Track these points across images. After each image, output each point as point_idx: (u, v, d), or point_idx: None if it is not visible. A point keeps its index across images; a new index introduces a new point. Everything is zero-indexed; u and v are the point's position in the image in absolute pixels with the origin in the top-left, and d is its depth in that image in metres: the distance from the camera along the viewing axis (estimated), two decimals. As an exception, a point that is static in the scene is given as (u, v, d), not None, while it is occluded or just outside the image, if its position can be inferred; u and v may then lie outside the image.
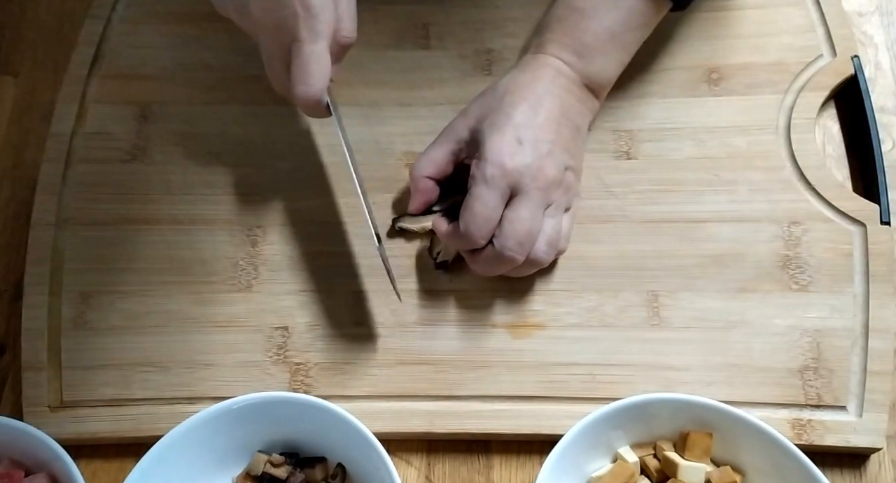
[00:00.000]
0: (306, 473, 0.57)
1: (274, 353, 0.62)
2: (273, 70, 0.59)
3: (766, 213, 0.64)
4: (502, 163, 0.57)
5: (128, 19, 0.73)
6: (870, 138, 0.65)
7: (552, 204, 0.60)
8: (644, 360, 0.60)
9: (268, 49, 0.58)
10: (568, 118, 0.61)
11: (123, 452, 0.60)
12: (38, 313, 0.63)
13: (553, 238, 0.60)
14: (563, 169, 0.60)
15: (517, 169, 0.58)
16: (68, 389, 0.61)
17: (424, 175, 0.61)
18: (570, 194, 0.61)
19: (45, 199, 0.66)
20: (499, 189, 0.58)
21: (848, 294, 0.61)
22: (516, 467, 0.60)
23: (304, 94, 0.57)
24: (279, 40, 0.57)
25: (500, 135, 0.59)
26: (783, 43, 0.69)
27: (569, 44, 0.62)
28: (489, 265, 0.59)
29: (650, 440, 0.57)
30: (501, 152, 0.58)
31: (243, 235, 0.65)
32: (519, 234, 0.58)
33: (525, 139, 0.58)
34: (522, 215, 0.58)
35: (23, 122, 0.73)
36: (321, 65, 0.56)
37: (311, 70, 0.56)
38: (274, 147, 0.68)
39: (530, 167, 0.58)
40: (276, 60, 0.58)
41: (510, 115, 0.59)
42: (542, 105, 0.60)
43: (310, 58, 0.56)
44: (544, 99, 0.60)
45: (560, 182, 0.60)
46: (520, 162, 0.58)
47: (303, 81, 0.56)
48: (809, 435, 0.58)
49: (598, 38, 0.62)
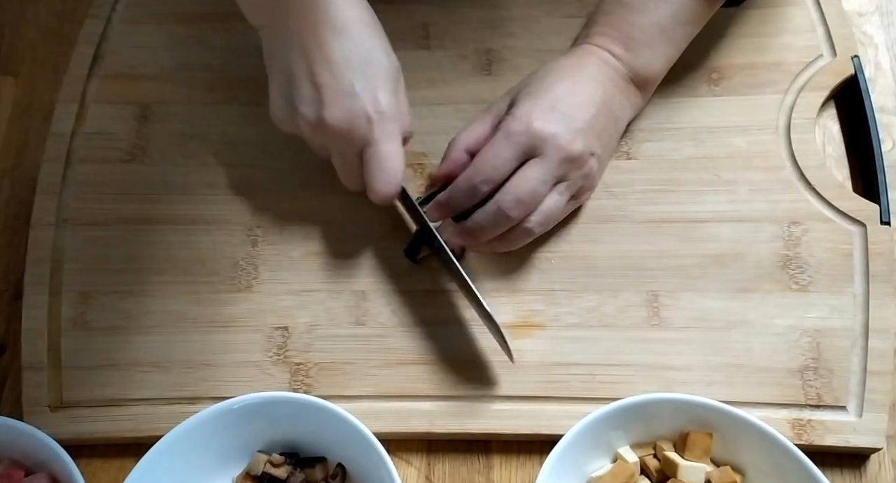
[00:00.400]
0: (306, 473, 0.57)
1: (274, 353, 0.62)
2: (348, 173, 0.61)
3: (766, 213, 0.64)
4: (529, 122, 0.58)
5: (128, 19, 0.73)
6: (870, 138, 0.65)
7: (565, 181, 0.59)
8: (644, 360, 0.60)
9: (343, 155, 0.60)
10: (608, 107, 0.61)
11: (123, 452, 0.60)
12: (38, 313, 0.63)
13: (550, 214, 0.60)
14: (589, 152, 0.60)
15: (542, 133, 0.58)
16: (68, 389, 0.61)
17: (462, 148, 0.61)
18: (586, 181, 0.61)
19: (45, 199, 0.66)
20: (517, 145, 0.58)
21: (848, 294, 0.61)
22: (516, 467, 0.60)
23: (385, 191, 0.59)
24: (354, 146, 0.59)
25: (536, 99, 0.59)
26: (783, 43, 0.69)
27: (616, 37, 0.62)
28: (482, 219, 0.58)
29: (650, 440, 0.57)
30: (532, 114, 0.58)
31: (243, 235, 0.65)
32: (521, 192, 0.58)
33: (560, 109, 0.59)
34: (532, 175, 0.58)
35: (23, 122, 0.73)
36: (397, 161, 0.59)
37: (388, 167, 0.58)
38: (274, 147, 0.68)
39: (556, 136, 0.58)
40: (351, 165, 0.60)
41: (550, 88, 0.60)
42: (585, 88, 0.60)
43: (387, 157, 0.58)
44: (587, 83, 0.61)
45: (582, 163, 0.59)
46: (547, 127, 0.58)
47: (382, 180, 0.59)
48: (809, 435, 0.58)
49: (646, 32, 0.62)
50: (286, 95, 0.59)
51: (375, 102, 0.58)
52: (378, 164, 0.58)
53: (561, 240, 0.64)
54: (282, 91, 0.59)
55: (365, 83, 0.57)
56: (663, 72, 0.64)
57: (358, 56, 0.58)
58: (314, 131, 0.59)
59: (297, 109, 0.58)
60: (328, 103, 0.57)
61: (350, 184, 0.62)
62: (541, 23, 0.71)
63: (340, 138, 0.58)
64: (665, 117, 0.67)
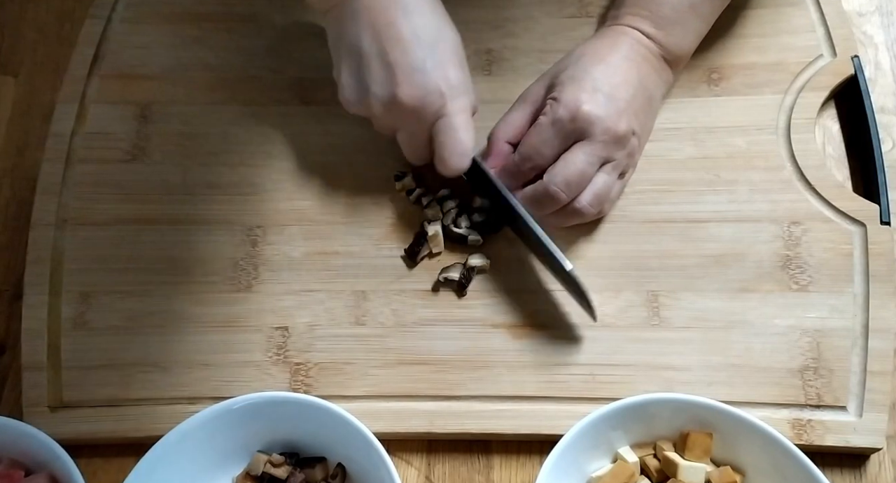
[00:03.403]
0: (306, 473, 0.57)
1: (274, 353, 0.62)
2: (417, 149, 0.62)
3: (766, 213, 0.64)
4: (577, 108, 0.58)
5: (128, 19, 0.73)
6: (870, 138, 0.65)
7: (611, 162, 0.60)
8: (644, 360, 0.60)
9: (413, 132, 0.61)
10: (644, 86, 0.62)
11: (123, 452, 0.60)
12: (38, 313, 0.63)
13: (601, 193, 0.60)
14: (631, 131, 0.60)
15: (589, 117, 0.58)
16: (68, 389, 0.61)
17: (503, 139, 0.62)
18: (630, 160, 0.62)
19: (45, 199, 0.66)
20: (563, 131, 0.59)
21: (848, 294, 0.61)
22: (516, 467, 0.60)
23: (458, 163, 0.60)
24: (426, 121, 0.60)
25: (578, 84, 0.60)
26: (783, 43, 0.69)
27: (646, 16, 0.63)
28: (533, 199, 0.60)
29: (650, 440, 0.57)
30: (578, 99, 0.59)
31: (243, 235, 0.65)
32: (570, 174, 0.58)
33: (602, 91, 0.59)
34: (579, 158, 0.59)
35: (23, 122, 0.73)
36: (469, 133, 0.60)
37: (462, 138, 0.60)
38: (274, 147, 0.68)
39: (602, 118, 0.59)
40: (420, 141, 0.61)
41: (588, 71, 0.60)
42: (621, 68, 0.61)
43: (460, 128, 0.59)
44: (622, 64, 0.61)
45: (626, 142, 0.60)
46: (593, 111, 0.58)
47: (456, 152, 0.60)
48: (809, 435, 0.58)
49: (675, 9, 0.63)
50: (357, 77, 0.60)
51: (446, 77, 0.59)
52: (452, 137, 0.59)
53: (561, 240, 0.64)
54: (352, 73, 0.60)
55: (435, 59, 0.58)
56: (694, 47, 0.65)
57: (427, 33, 0.59)
58: (387, 110, 0.60)
59: (369, 89, 0.59)
60: (401, 81, 0.58)
61: (417, 159, 0.63)
62: (541, 23, 0.71)
63: (414, 115, 0.59)
64: (665, 117, 0.67)
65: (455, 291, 0.63)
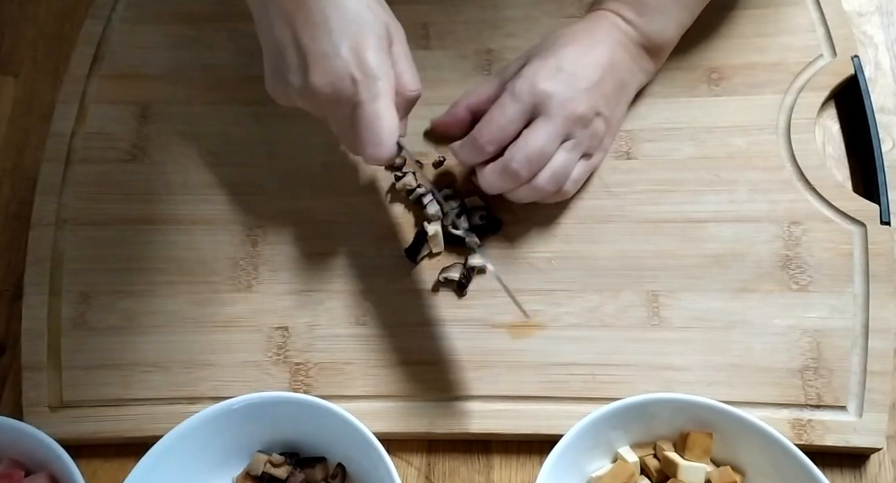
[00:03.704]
0: (306, 473, 0.57)
1: (274, 353, 0.62)
2: (345, 138, 0.59)
3: (766, 213, 0.64)
4: (534, 82, 0.59)
5: (128, 19, 0.73)
6: (870, 138, 0.65)
7: (572, 140, 0.60)
8: (644, 360, 0.60)
9: (336, 120, 0.58)
10: (616, 70, 0.62)
11: (123, 452, 0.60)
12: (38, 313, 0.63)
13: (559, 172, 0.60)
14: (594, 112, 0.60)
15: (547, 91, 0.59)
16: (68, 389, 0.61)
17: (464, 105, 0.63)
18: (594, 141, 0.62)
19: (45, 199, 0.66)
20: (522, 104, 0.59)
21: (848, 294, 0.61)
22: (516, 467, 0.60)
23: (374, 154, 0.56)
24: (343, 109, 0.56)
25: (542, 60, 0.60)
26: (783, 43, 0.69)
27: (629, 2, 0.63)
28: (494, 176, 0.60)
29: (650, 440, 0.57)
30: (537, 74, 0.59)
31: (243, 235, 0.65)
32: (529, 151, 0.58)
33: (565, 69, 0.60)
34: (539, 134, 0.59)
35: (23, 122, 0.73)
36: (386, 121, 0.56)
37: (376, 128, 0.55)
38: (274, 147, 0.68)
39: (560, 94, 0.59)
40: (346, 129, 0.58)
41: (557, 50, 0.61)
42: (593, 50, 0.61)
43: (374, 117, 0.55)
44: (596, 46, 0.62)
45: (588, 122, 0.60)
46: (552, 86, 0.59)
47: (370, 142, 0.56)
48: (809, 435, 0.58)
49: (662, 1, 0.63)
50: (275, 66, 0.58)
51: (360, 62, 0.55)
52: (365, 126, 0.55)
53: (561, 240, 0.64)
54: (271, 63, 0.58)
55: (349, 43, 0.55)
56: (676, 37, 0.65)
57: (340, 16, 0.56)
58: (304, 99, 0.57)
59: (286, 78, 0.57)
60: (312, 68, 0.55)
61: (350, 148, 0.61)
62: (541, 23, 0.71)
63: (329, 102, 0.56)
64: (665, 117, 0.67)
65: (455, 291, 0.63)
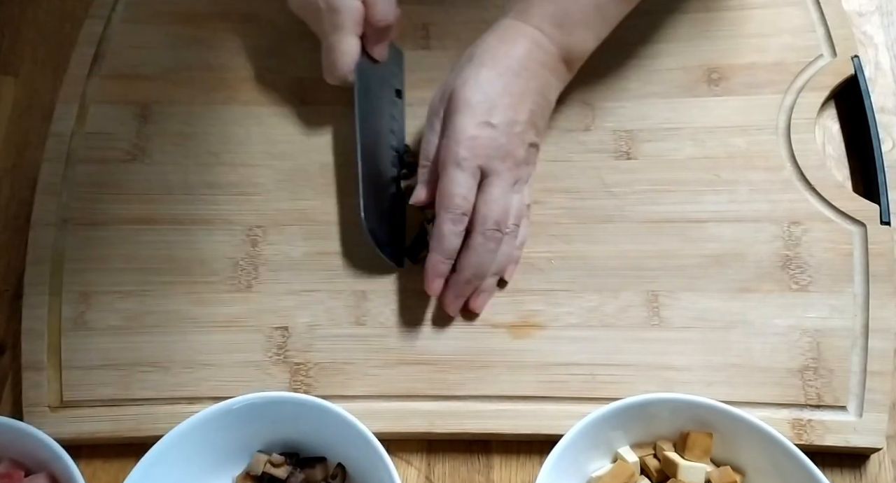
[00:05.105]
0: (306, 473, 0.57)
1: (274, 353, 0.62)
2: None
3: (766, 213, 0.64)
4: (473, 145, 0.58)
5: (128, 19, 0.73)
6: (870, 138, 0.65)
7: (518, 180, 0.61)
8: (644, 360, 0.60)
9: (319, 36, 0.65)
10: (541, 94, 0.61)
11: (123, 452, 0.60)
12: (38, 313, 0.63)
13: (520, 211, 0.62)
14: (529, 145, 0.61)
15: (488, 152, 0.58)
16: (68, 389, 0.61)
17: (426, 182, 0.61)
18: (531, 167, 0.63)
19: (45, 199, 0.66)
20: (470, 170, 0.58)
21: (848, 294, 0.61)
22: (516, 467, 0.60)
23: (330, 80, 0.65)
24: (317, 31, 0.64)
25: (472, 115, 0.58)
26: (783, 43, 0.69)
27: (552, 13, 0.61)
28: (476, 255, 0.59)
29: (650, 440, 0.57)
30: (474, 137, 0.58)
31: (243, 235, 0.65)
32: (496, 214, 0.59)
33: (497, 121, 0.59)
34: (496, 196, 0.59)
35: (23, 122, 0.73)
36: (338, 54, 0.62)
37: (331, 58, 0.63)
38: (274, 147, 0.68)
39: (501, 150, 0.59)
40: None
41: (485, 91, 0.59)
42: (518, 80, 0.60)
43: (329, 48, 0.63)
44: (520, 74, 0.60)
45: (529, 160, 0.62)
46: (490, 144, 0.59)
47: (327, 70, 0.64)
48: (809, 435, 0.58)
49: (582, 9, 0.61)
50: None
51: None
52: (324, 53, 0.63)
53: (561, 240, 0.64)
54: None
55: None
56: (592, 50, 0.64)
57: None
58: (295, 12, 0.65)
59: None
60: None
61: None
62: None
63: (308, 24, 0.64)
64: (665, 117, 0.67)
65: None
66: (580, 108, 0.68)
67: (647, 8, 0.69)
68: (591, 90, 0.68)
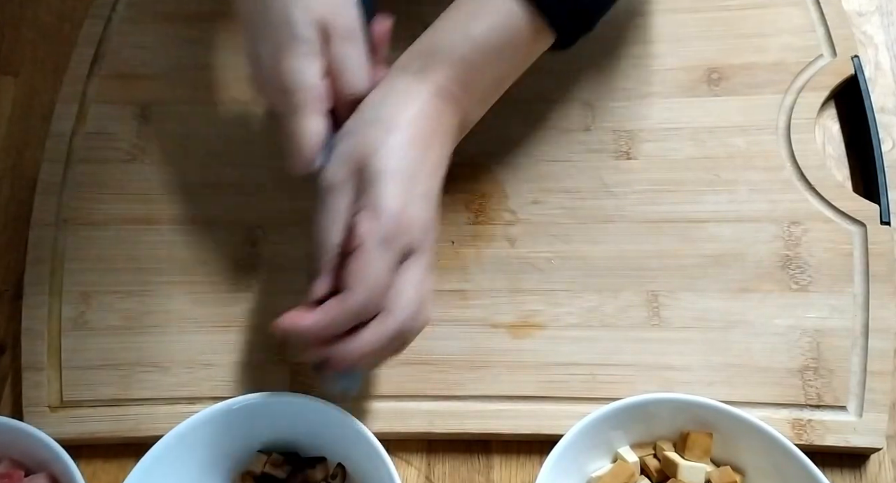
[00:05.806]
0: (306, 473, 0.57)
1: (274, 353, 0.62)
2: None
3: (766, 213, 0.64)
4: (399, 221, 0.50)
5: (128, 19, 0.73)
6: (870, 138, 0.65)
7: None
8: (644, 360, 0.60)
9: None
10: (448, 158, 0.56)
11: (123, 452, 0.60)
12: (38, 313, 0.63)
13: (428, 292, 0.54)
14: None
15: (413, 227, 0.51)
16: (68, 389, 0.61)
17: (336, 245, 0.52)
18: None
19: (45, 199, 0.66)
20: (395, 251, 0.51)
21: (848, 294, 0.61)
22: (516, 467, 0.60)
23: (292, 171, 0.54)
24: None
25: (394, 185, 0.51)
26: (783, 43, 0.69)
27: (466, 91, 0.55)
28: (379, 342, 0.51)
29: (650, 440, 0.57)
30: (400, 210, 0.50)
31: (243, 235, 0.65)
32: (414, 301, 0.51)
33: (418, 192, 0.52)
34: (416, 279, 0.52)
35: (23, 122, 0.73)
36: (297, 139, 0.53)
37: (291, 144, 0.54)
38: (274, 147, 0.68)
39: (425, 225, 0.52)
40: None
41: (403, 160, 0.52)
42: (431, 148, 0.54)
43: (288, 133, 0.54)
44: (432, 141, 0.54)
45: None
46: (417, 219, 0.51)
47: (288, 156, 0.54)
48: (809, 435, 0.58)
49: (488, 87, 0.57)
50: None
51: (278, 72, 0.52)
52: (283, 141, 0.54)
53: (561, 240, 0.64)
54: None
55: (270, 49, 0.52)
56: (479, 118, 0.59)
57: (263, 18, 0.52)
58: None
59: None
60: (250, 69, 0.56)
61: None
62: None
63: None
64: (665, 117, 0.67)
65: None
66: (580, 108, 0.68)
67: (648, 8, 0.69)
68: (591, 90, 0.68)
